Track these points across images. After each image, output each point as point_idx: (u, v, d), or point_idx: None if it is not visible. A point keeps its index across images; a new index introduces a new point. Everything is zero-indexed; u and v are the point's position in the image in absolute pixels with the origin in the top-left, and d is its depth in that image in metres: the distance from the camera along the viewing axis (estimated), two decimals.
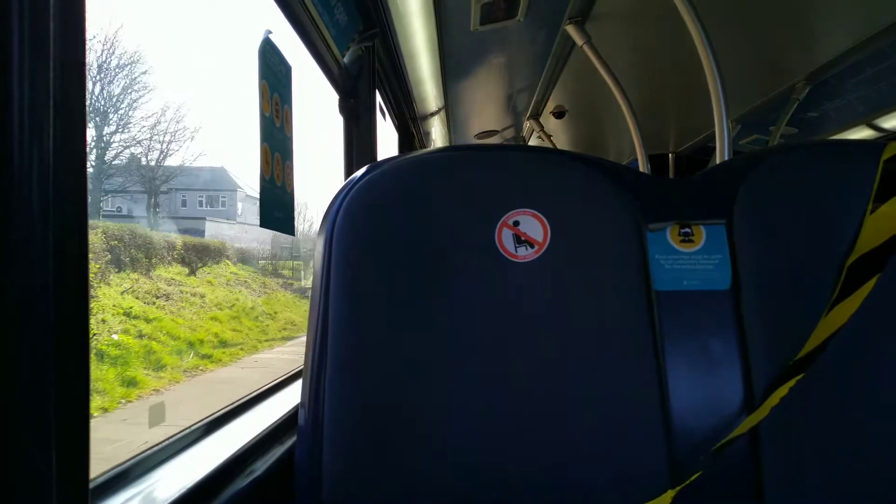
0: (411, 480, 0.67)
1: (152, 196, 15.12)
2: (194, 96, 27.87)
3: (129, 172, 14.54)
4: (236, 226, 17.99)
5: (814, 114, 2.73)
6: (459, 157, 0.76)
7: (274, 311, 11.51)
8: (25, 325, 0.37)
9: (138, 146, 14.71)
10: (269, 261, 15.43)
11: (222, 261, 12.03)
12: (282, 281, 14.13)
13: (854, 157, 0.73)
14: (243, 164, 26.47)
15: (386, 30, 1.63)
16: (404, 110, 2.39)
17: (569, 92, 2.55)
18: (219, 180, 19.79)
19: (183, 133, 19.48)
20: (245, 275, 12.52)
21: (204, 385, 6.86)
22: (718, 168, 0.88)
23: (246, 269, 12.99)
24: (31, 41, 0.37)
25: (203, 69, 31.61)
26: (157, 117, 18.05)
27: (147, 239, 9.41)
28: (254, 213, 19.19)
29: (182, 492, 0.62)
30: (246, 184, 20.64)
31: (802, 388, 0.66)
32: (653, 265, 0.71)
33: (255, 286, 12.22)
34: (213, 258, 11.55)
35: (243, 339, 9.39)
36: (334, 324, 0.70)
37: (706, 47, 1.45)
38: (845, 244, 0.70)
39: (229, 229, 17.15)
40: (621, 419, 0.68)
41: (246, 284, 12.02)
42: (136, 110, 14.65)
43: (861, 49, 1.94)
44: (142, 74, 15.26)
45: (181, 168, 16.58)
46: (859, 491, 0.67)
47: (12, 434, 0.36)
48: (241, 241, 15.89)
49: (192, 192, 18.92)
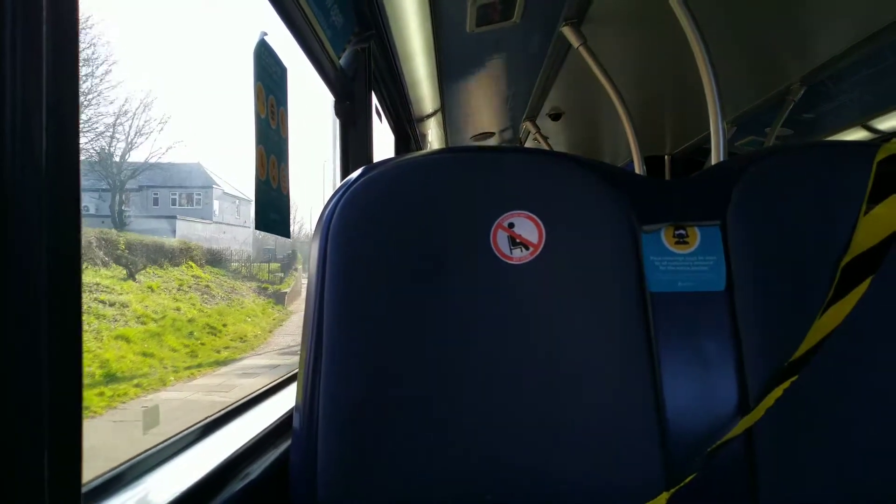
0: (406, 483, 0.67)
1: (117, 193, 14.31)
2: (171, 89, 27.21)
3: (91, 167, 13.62)
4: (212, 225, 17.17)
5: (809, 115, 2.74)
6: (455, 159, 0.76)
7: (222, 324, 9.90)
8: (18, 327, 0.37)
9: (100, 139, 13.87)
10: (245, 263, 14.73)
11: (183, 262, 11.08)
12: (255, 285, 13.28)
13: (848, 159, 0.74)
14: (222, 160, 24.96)
15: (382, 31, 1.63)
16: (400, 112, 2.40)
17: (565, 94, 2.55)
18: (195, 177, 18.65)
19: (150, 125, 18.30)
20: (210, 278, 11.46)
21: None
22: (713, 169, 0.88)
23: (214, 272, 12.02)
24: (23, 42, 0.37)
25: (191, 66, 31.26)
26: (120, 106, 16.50)
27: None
28: (232, 211, 18.87)
29: (176, 496, 0.62)
30: (224, 181, 19.54)
31: (797, 390, 0.66)
32: (647, 266, 0.71)
33: (218, 291, 11.17)
34: (169, 259, 10.65)
35: (151, 366, 7.22)
36: (329, 326, 0.70)
37: (702, 49, 1.45)
38: (840, 245, 0.70)
39: (203, 229, 16.41)
40: (616, 421, 0.68)
41: (206, 290, 10.88)
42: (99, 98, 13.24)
43: (856, 51, 1.95)
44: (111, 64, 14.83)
45: (148, 164, 15.59)
46: (854, 492, 0.67)
47: (4, 437, 0.36)
48: (217, 241, 15.17)
49: (164, 189, 17.65)
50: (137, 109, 16.55)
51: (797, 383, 0.65)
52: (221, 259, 13.44)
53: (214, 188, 19.03)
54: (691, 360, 0.69)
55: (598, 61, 1.91)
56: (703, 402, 0.69)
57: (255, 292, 12.72)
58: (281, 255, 16.89)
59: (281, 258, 16.69)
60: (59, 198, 0.40)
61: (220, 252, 13.75)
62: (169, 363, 7.62)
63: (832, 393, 0.68)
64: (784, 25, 1.84)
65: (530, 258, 0.71)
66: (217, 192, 19.14)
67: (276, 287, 14.01)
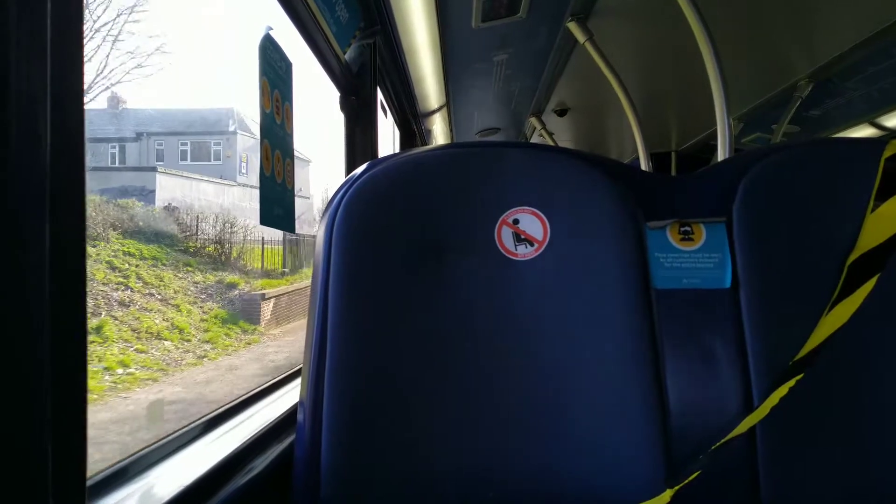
0: (410, 478, 0.67)
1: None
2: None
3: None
4: (236, 188, 12.17)
5: (816, 112, 2.72)
6: (460, 154, 0.75)
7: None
8: (22, 321, 0.37)
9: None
10: (223, 242, 9.45)
11: (105, 234, 7.48)
12: (216, 277, 8.49)
13: (855, 156, 0.73)
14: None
15: (387, 27, 1.62)
16: (406, 108, 2.39)
17: (571, 89, 2.54)
18: (223, 125, 13.76)
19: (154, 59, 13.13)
20: (132, 263, 7.52)
21: None
22: (719, 166, 0.88)
23: (157, 250, 8.11)
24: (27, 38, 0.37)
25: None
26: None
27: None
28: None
29: (181, 489, 0.63)
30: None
31: (802, 388, 0.65)
32: (652, 263, 0.71)
33: (133, 283, 7.22)
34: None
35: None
36: (333, 321, 0.70)
37: (708, 45, 1.45)
38: (846, 243, 0.69)
39: (219, 193, 11.75)
40: (619, 417, 0.68)
41: (120, 283, 7.07)
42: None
43: (864, 47, 1.94)
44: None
45: (166, 111, 11.76)
46: (858, 491, 0.67)
47: (8, 431, 0.36)
48: (244, 213, 10.58)
49: (171, 137, 13.23)
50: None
51: (802, 381, 0.65)
52: (192, 234, 9.29)
53: (241, 135, 13.84)
54: (695, 357, 0.69)
55: (604, 57, 1.91)
56: (706, 399, 0.68)
57: (201, 293, 8.15)
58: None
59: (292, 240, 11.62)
60: (63, 192, 0.40)
61: (185, 224, 9.38)
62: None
63: (837, 391, 0.68)
64: (791, 21, 1.83)
65: (535, 254, 0.70)
66: (248, 143, 13.95)
67: (249, 284, 9.00)
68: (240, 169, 13.77)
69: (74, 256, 0.41)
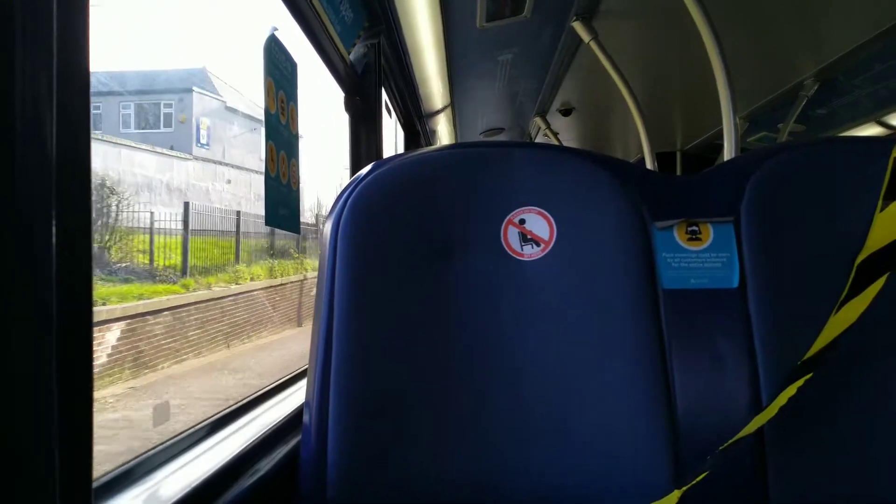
0: (416, 478, 0.67)
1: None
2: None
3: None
4: (191, 162, 9.41)
5: (822, 111, 2.71)
6: (465, 154, 0.75)
7: None
8: (28, 323, 0.37)
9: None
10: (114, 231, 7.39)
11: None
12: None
13: (863, 154, 0.73)
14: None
15: (392, 27, 1.62)
16: (410, 108, 2.39)
17: (576, 89, 2.54)
18: (188, 85, 10.77)
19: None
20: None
21: None
22: (726, 165, 0.87)
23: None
24: (33, 42, 0.37)
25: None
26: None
27: None
28: (248, 144, 10.73)
29: (187, 491, 0.62)
30: (230, 86, 10.61)
31: (811, 388, 0.65)
32: (660, 263, 0.71)
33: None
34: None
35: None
36: (339, 321, 0.69)
37: (714, 43, 1.44)
38: (855, 242, 0.69)
39: (163, 167, 8.90)
40: (627, 418, 0.67)
41: None
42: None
43: (871, 45, 1.93)
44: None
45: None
46: (866, 492, 0.66)
47: (15, 433, 0.36)
48: (151, 185, 8.28)
49: (109, 98, 10.14)
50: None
51: (811, 381, 0.65)
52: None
53: (199, 94, 10.54)
54: (703, 357, 0.69)
55: (609, 56, 1.90)
56: (715, 399, 0.68)
57: None
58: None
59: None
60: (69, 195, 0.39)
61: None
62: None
63: (846, 391, 0.68)
64: (797, 19, 1.82)
65: (541, 254, 0.70)
66: (211, 105, 10.86)
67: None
68: (197, 138, 11.03)
69: (80, 256, 0.41)
